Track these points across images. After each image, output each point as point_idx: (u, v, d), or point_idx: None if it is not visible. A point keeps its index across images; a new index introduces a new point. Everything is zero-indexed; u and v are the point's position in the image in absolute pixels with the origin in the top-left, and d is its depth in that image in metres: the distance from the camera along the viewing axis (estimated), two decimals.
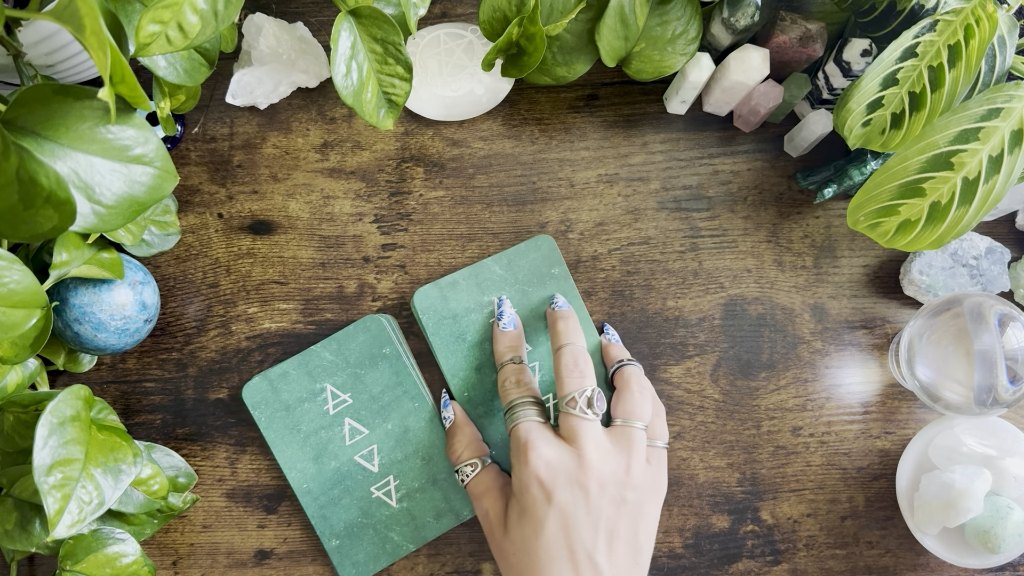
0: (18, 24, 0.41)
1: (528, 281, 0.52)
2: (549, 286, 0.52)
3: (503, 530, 0.46)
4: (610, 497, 0.44)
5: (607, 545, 0.43)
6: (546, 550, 0.43)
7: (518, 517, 0.45)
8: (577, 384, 0.46)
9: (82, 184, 0.35)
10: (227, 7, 0.36)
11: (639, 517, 0.45)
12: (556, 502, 0.44)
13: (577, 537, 0.43)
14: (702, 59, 0.50)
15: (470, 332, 0.51)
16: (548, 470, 0.44)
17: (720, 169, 0.54)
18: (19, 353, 0.42)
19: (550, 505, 0.44)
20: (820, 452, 0.52)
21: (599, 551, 0.43)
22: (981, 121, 0.41)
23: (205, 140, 0.54)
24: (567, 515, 0.43)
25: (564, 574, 0.43)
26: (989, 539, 0.46)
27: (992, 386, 0.46)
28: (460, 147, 0.54)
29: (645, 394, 0.47)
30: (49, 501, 0.38)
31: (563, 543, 0.43)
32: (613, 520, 0.44)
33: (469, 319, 0.51)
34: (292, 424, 0.51)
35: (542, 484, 0.44)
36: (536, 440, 0.45)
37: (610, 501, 0.44)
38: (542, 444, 0.45)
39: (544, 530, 0.44)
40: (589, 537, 0.43)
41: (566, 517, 0.43)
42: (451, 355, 0.51)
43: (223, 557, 0.52)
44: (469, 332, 0.51)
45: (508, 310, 0.51)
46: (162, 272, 0.54)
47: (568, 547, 0.43)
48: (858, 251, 0.54)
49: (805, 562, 0.52)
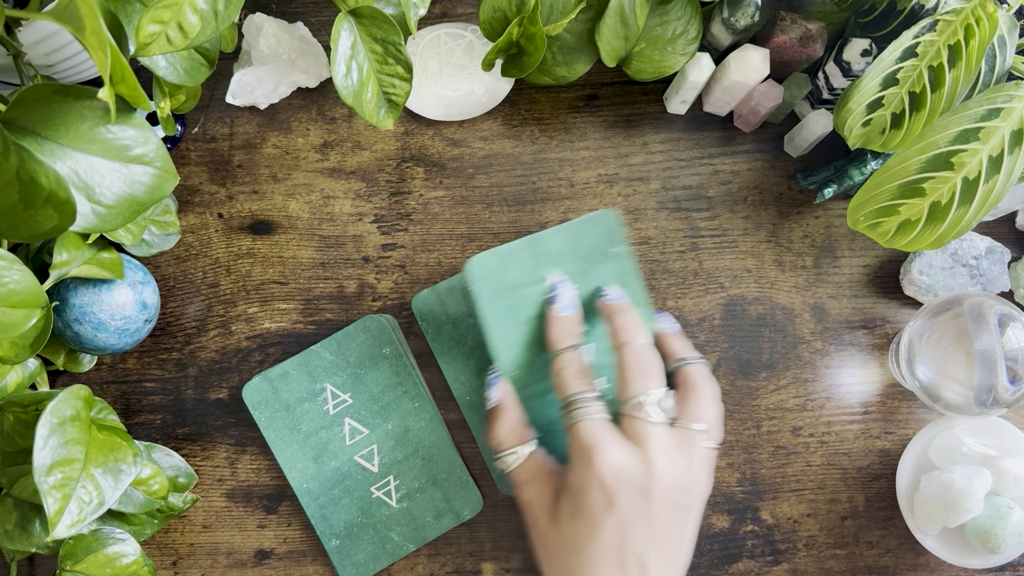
0: (18, 24, 0.41)
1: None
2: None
3: (549, 521, 0.44)
4: (670, 503, 0.43)
5: (658, 549, 0.43)
6: (599, 552, 0.42)
7: (571, 514, 0.43)
8: (643, 386, 0.44)
9: (82, 184, 0.35)
10: (227, 7, 0.36)
11: (689, 520, 0.44)
12: (617, 508, 0.42)
13: (632, 541, 0.42)
14: (702, 59, 0.50)
15: (470, 337, 0.51)
16: (613, 475, 0.42)
17: (720, 169, 0.54)
18: (19, 353, 0.42)
19: (610, 510, 0.42)
20: (820, 452, 0.52)
21: (650, 555, 0.42)
22: (981, 121, 0.41)
23: (205, 140, 0.54)
24: (626, 521, 0.42)
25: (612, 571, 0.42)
26: (989, 539, 0.46)
27: (992, 386, 0.46)
28: (460, 147, 0.54)
29: (710, 396, 0.45)
30: (49, 501, 0.38)
31: (616, 547, 0.42)
32: (667, 524, 0.43)
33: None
34: (292, 424, 0.51)
35: (605, 488, 0.42)
36: (602, 442, 0.43)
37: (669, 506, 0.43)
38: (608, 447, 0.42)
39: (600, 533, 0.42)
40: (643, 542, 0.42)
41: (624, 523, 0.42)
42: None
43: (223, 557, 0.52)
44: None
45: (566, 292, 0.47)
46: (162, 272, 0.54)
47: (620, 551, 0.42)
48: (858, 251, 0.54)
49: (805, 562, 0.52)
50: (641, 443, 0.43)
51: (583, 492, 0.43)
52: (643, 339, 0.45)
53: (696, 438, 0.44)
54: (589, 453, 0.42)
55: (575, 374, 0.45)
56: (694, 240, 0.54)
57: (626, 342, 0.45)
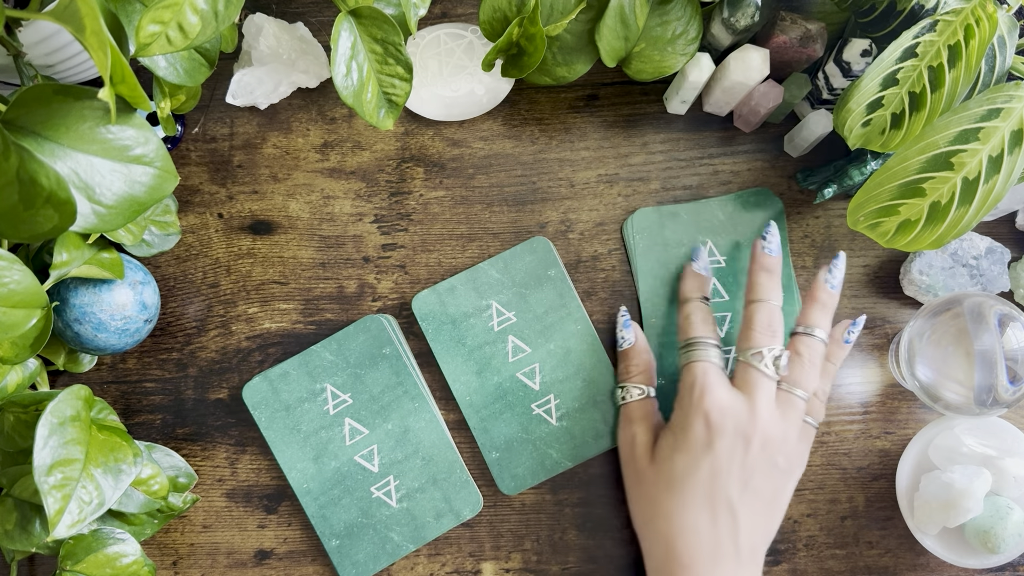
0: (18, 24, 0.41)
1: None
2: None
3: (648, 459, 0.47)
4: (767, 457, 0.45)
5: (751, 501, 0.44)
6: (692, 489, 0.44)
7: (671, 451, 0.45)
8: (767, 340, 0.46)
9: (82, 184, 0.35)
10: (227, 7, 0.36)
11: (782, 485, 0.46)
12: (717, 448, 0.44)
13: (726, 484, 0.44)
14: (702, 59, 0.50)
15: (469, 337, 0.51)
16: (719, 414, 0.44)
17: (720, 169, 0.54)
18: (19, 353, 0.42)
19: (710, 448, 0.44)
20: (820, 452, 0.52)
21: (742, 504, 0.44)
22: (981, 121, 0.41)
23: (205, 140, 0.54)
24: (722, 462, 0.44)
25: (702, 515, 0.44)
26: (989, 539, 0.46)
27: (992, 386, 0.46)
28: (460, 147, 0.54)
29: (818, 370, 0.47)
30: (49, 501, 0.38)
31: (710, 487, 0.44)
32: (762, 480, 0.45)
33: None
34: (292, 424, 0.51)
35: (709, 426, 0.44)
36: (714, 382, 0.45)
37: (765, 461, 0.45)
38: (719, 387, 0.45)
39: (697, 470, 0.44)
40: (736, 488, 0.44)
41: (720, 464, 0.44)
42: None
43: (223, 557, 0.52)
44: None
45: (705, 259, 0.51)
46: (162, 272, 0.54)
47: (712, 492, 0.44)
48: (858, 251, 0.54)
49: (805, 562, 0.52)
50: (751, 391, 0.45)
51: (687, 427, 0.45)
52: (776, 301, 0.47)
53: (798, 405, 0.46)
54: (702, 390, 0.45)
55: (702, 320, 0.48)
56: None
57: (761, 299, 0.47)
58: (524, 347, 0.51)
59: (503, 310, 0.51)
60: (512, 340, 0.51)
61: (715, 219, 0.52)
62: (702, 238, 0.52)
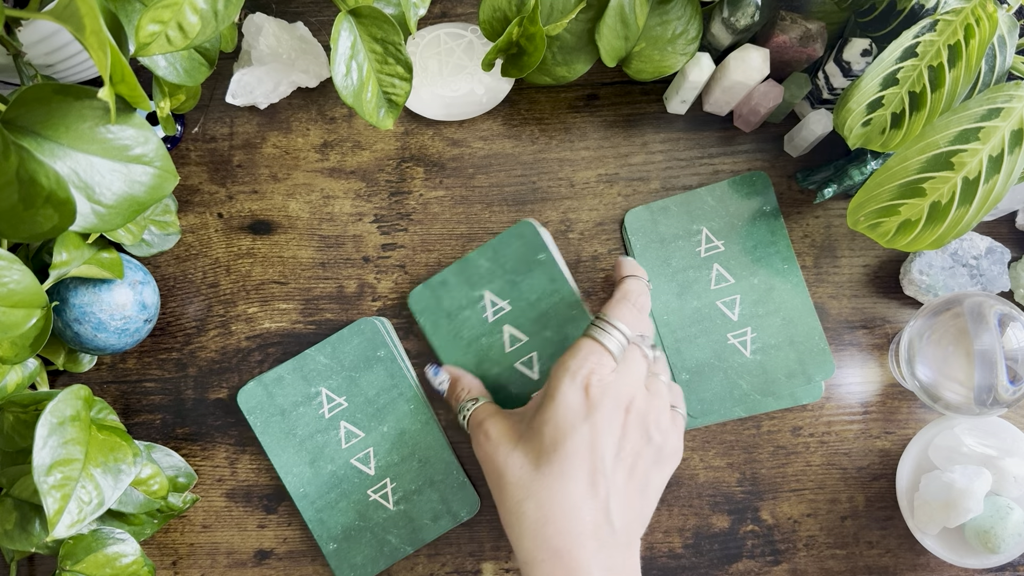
0: (18, 24, 0.41)
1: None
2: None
3: (512, 443, 0.44)
4: (643, 431, 0.43)
5: (626, 478, 0.42)
6: (568, 460, 0.41)
7: (541, 424, 0.43)
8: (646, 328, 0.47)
9: (82, 184, 0.35)
10: (227, 7, 0.36)
11: (657, 468, 0.44)
12: (595, 418, 0.42)
13: (603, 456, 0.41)
14: (702, 59, 0.50)
15: (465, 329, 0.51)
16: (600, 387, 0.42)
17: (720, 169, 0.54)
18: (19, 353, 0.42)
19: (588, 418, 0.42)
20: (820, 452, 0.52)
21: (617, 479, 0.42)
22: (981, 121, 0.41)
23: (205, 140, 0.54)
24: (601, 431, 0.42)
25: (578, 488, 0.41)
26: (989, 539, 0.46)
27: (992, 386, 0.46)
28: (460, 147, 0.54)
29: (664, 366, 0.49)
30: (49, 501, 0.38)
31: (588, 457, 0.41)
32: (638, 458, 0.43)
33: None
34: (288, 428, 0.51)
35: (589, 396, 0.42)
36: (598, 357, 0.43)
37: (642, 436, 0.43)
38: (603, 364, 0.43)
39: (573, 439, 0.41)
40: (612, 461, 0.42)
41: (599, 433, 0.42)
42: (654, 278, 0.52)
43: (223, 557, 0.52)
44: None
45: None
46: (162, 272, 0.54)
47: (592, 463, 0.41)
48: (858, 251, 0.54)
49: (805, 562, 0.52)
50: (629, 368, 0.44)
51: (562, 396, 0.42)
52: None
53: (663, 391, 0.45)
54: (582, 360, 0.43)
55: (631, 307, 0.46)
56: None
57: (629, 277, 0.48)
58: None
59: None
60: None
61: (705, 205, 0.53)
62: (696, 226, 0.52)
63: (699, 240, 0.52)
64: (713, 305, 0.52)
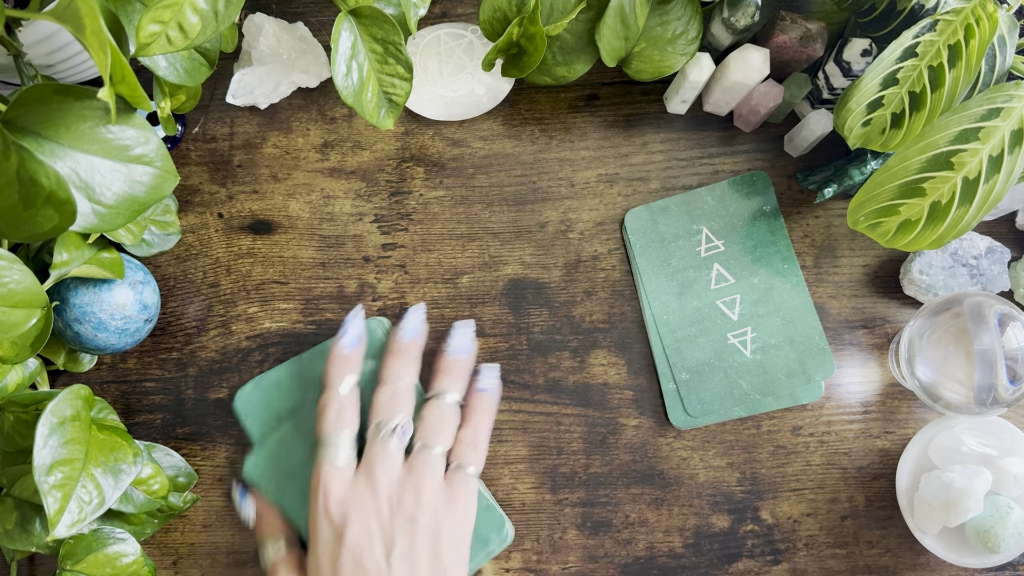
0: (18, 24, 0.41)
1: (739, 215, 0.53)
2: (759, 223, 0.53)
3: None
4: (403, 519, 0.45)
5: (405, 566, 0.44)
6: None
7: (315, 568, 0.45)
8: (386, 414, 0.47)
9: (82, 184, 0.35)
10: (227, 7, 0.36)
11: (434, 535, 0.45)
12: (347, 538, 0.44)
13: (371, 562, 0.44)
14: (702, 59, 0.50)
15: (675, 258, 0.53)
16: (339, 507, 0.45)
17: (720, 169, 0.54)
18: (19, 353, 0.42)
19: (341, 542, 0.44)
20: (820, 452, 0.52)
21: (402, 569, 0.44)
22: (981, 121, 0.41)
23: (205, 140, 0.54)
24: (358, 545, 0.44)
25: None
26: (989, 539, 0.46)
27: (992, 386, 0.46)
28: (460, 147, 0.54)
29: (447, 423, 0.48)
30: (49, 501, 0.38)
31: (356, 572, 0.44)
32: (409, 540, 0.44)
33: (676, 244, 0.53)
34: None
35: (332, 522, 0.45)
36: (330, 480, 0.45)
37: (404, 523, 0.45)
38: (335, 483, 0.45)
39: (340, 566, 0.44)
40: (384, 559, 0.44)
41: (357, 548, 0.44)
42: (655, 278, 0.52)
43: (223, 557, 0.52)
44: (674, 258, 0.53)
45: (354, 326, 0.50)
46: (162, 272, 0.54)
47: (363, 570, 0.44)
48: (858, 251, 0.54)
49: (805, 562, 0.52)
50: (370, 468, 0.45)
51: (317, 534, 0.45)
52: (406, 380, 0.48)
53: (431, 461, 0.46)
54: (319, 492, 0.45)
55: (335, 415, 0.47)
56: None
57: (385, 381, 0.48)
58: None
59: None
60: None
61: (705, 205, 0.53)
62: (696, 226, 0.53)
63: (699, 240, 0.53)
64: (713, 305, 0.52)
